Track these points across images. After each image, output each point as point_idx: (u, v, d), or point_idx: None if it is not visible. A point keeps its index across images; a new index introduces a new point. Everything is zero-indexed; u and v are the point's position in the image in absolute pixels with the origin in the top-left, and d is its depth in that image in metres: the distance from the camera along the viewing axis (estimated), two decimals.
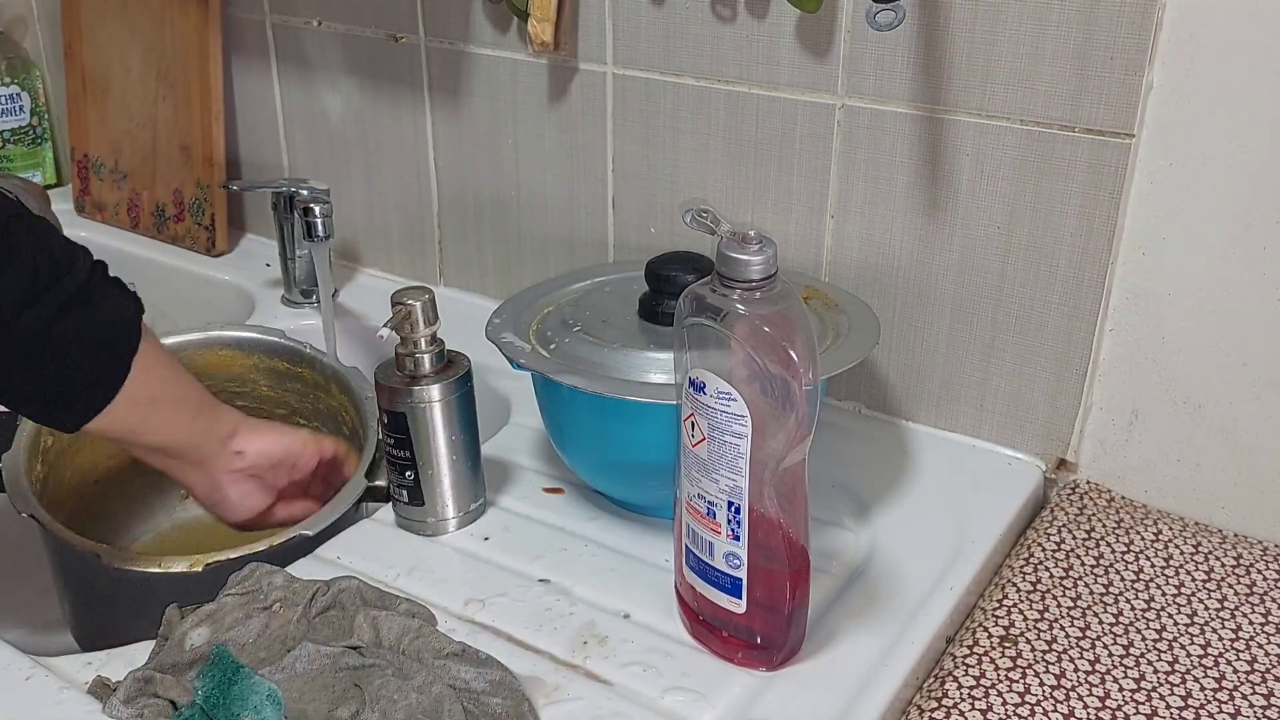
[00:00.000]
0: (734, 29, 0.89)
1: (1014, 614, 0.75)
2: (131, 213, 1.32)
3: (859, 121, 0.86)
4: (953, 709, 0.68)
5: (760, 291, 0.63)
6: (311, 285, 1.15)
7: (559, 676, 0.69)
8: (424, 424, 0.79)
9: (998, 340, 0.87)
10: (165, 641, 0.69)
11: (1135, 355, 0.84)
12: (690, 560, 0.70)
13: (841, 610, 0.74)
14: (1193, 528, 0.83)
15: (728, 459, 0.65)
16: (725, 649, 0.70)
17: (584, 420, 0.80)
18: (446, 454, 0.80)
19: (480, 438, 0.83)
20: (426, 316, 0.78)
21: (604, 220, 1.02)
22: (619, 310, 0.83)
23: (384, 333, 0.76)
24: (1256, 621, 0.75)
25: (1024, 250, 0.83)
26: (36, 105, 1.44)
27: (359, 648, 0.68)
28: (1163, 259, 0.80)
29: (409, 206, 1.15)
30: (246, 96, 1.23)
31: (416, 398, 0.78)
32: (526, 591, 0.76)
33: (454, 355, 0.81)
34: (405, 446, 0.80)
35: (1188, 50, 0.75)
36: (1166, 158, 0.78)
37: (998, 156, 0.82)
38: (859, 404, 0.96)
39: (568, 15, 0.96)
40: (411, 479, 0.80)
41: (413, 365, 0.79)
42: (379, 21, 1.09)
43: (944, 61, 0.81)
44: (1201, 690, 0.70)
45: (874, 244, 0.89)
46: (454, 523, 0.82)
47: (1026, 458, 0.89)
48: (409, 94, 1.10)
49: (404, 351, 0.79)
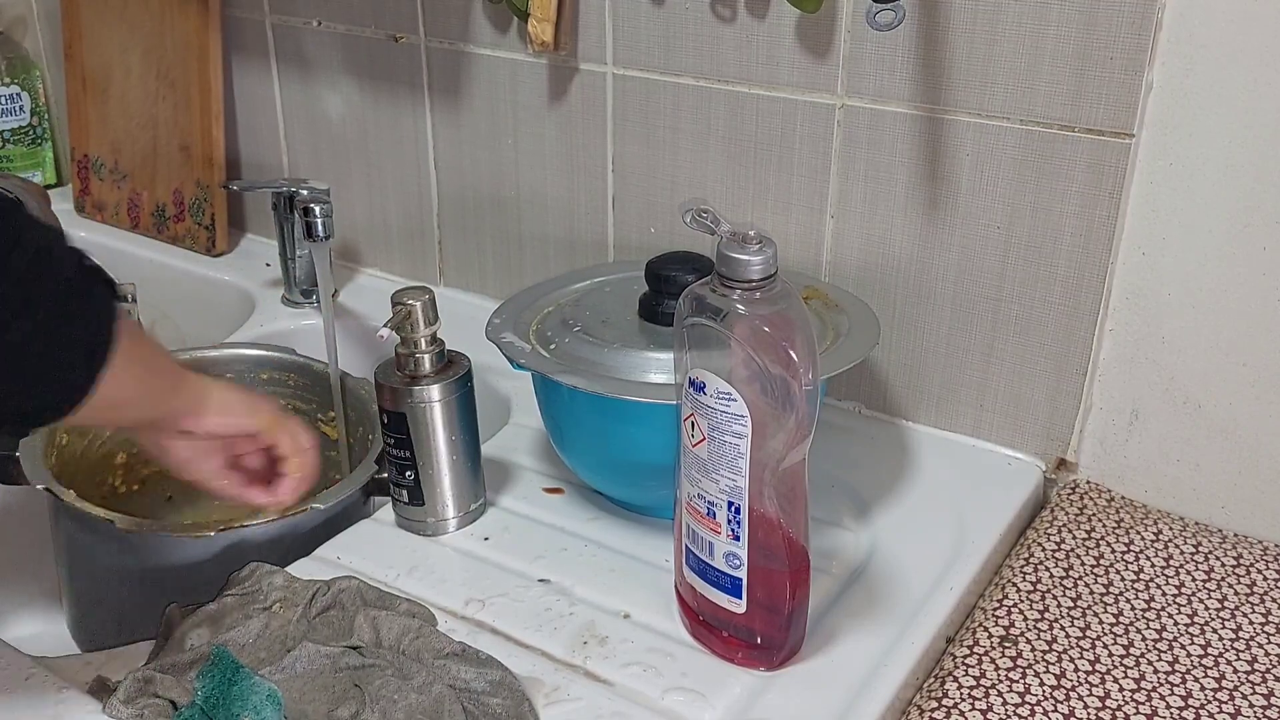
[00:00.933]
0: (734, 29, 0.89)
1: (1014, 614, 0.75)
2: (131, 213, 1.32)
3: (859, 121, 0.86)
4: (953, 709, 0.68)
5: (760, 291, 0.63)
6: (311, 285, 1.15)
7: (559, 676, 0.69)
8: (424, 424, 0.79)
9: (998, 340, 0.87)
10: (165, 641, 0.69)
11: (1135, 355, 0.84)
12: (690, 560, 0.70)
13: (841, 610, 0.74)
14: (1193, 528, 0.83)
15: (728, 459, 0.65)
16: (725, 649, 0.70)
17: (584, 420, 0.80)
18: (446, 454, 0.80)
19: (480, 438, 0.83)
20: (426, 316, 0.78)
21: (604, 220, 1.02)
22: (619, 310, 0.83)
23: (384, 333, 0.76)
24: (1256, 621, 0.75)
25: (1024, 250, 0.83)
26: (36, 105, 1.44)
27: (359, 648, 0.68)
28: (1162, 259, 0.80)
29: (409, 206, 1.15)
30: (246, 96, 1.23)
31: (416, 398, 0.78)
32: (526, 591, 0.76)
33: (454, 355, 0.81)
34: (405, 446, 0.80)
35: (1188, 50, 0.75)
36: (1166, 158, 0.78)
37: (998, 156, 0.82)
38: (859, 404, 0.96)
39: (568, 15, 0.96)
40: (411, 479, 0.80)
41: (413, 365, 0.79)
42: (379, 21, 1.09)
43: (944, 61, 0.81)
44: (1202, 690, 0.70)
45: (874, 244, 0.89)
46: (454, 523, 0.82)
47: (1026, 458, 0.89)
48: (409, 94, 1.10)
49: (404, 351, 0.79)
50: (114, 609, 0.84)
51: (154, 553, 0.81)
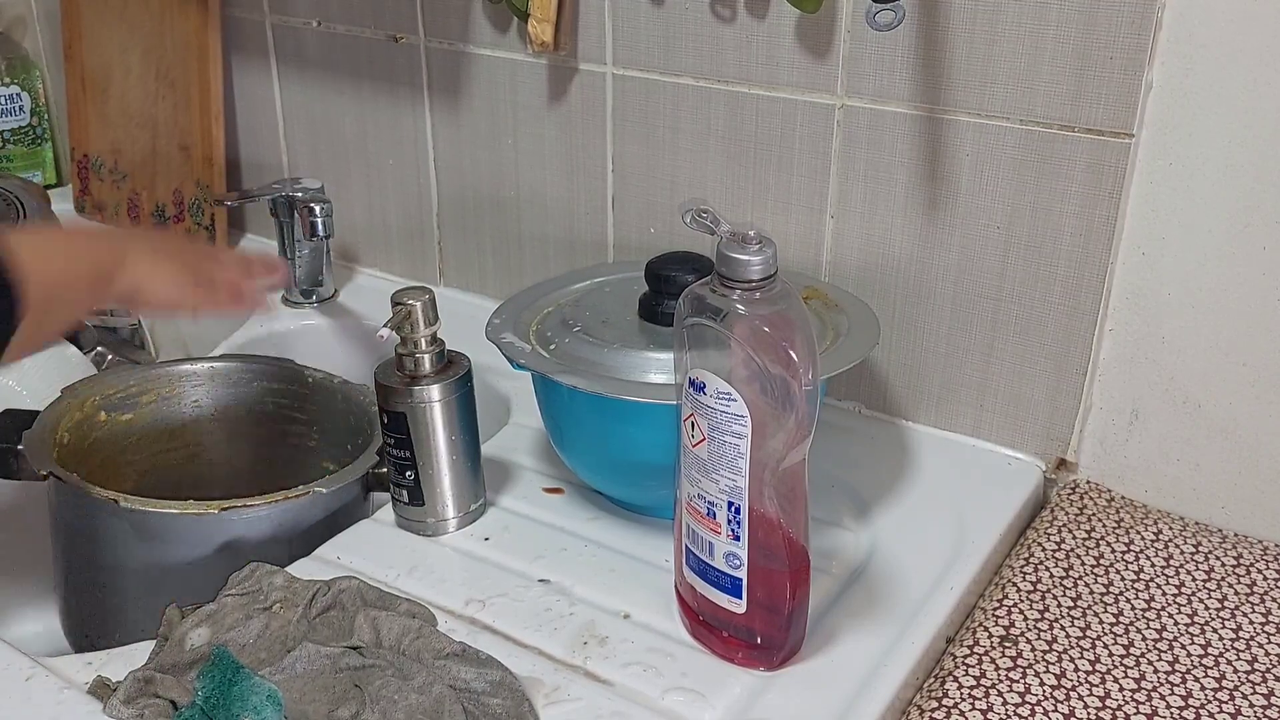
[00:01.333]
0: (734, 29, 0.89)
1: (1014, 614, 0.75)
2: (131, 213, 1.32)
3: (859, 121, 0.86)
4: (953, 709, 0.68)
5: (760, 291, 0.63)
6: (312, 285, 1.15)
7: (559, 677, 0.69)
8: (424, 424, 0.79)
9: (997, 340, 0.87)
10: (165, 641, 0.69)
11: (1135, 355, 0.84)
12: (690, 560, 0.70)
13: (841, 610, 0.74)
14: (1193, 528, 0.83)
15: (728, 459, 0.65)
16: (725, 649, 0.70)
17: (584, 420, 0.80)
18: (446, 454, 0.80)
19: (480, 438, 0.83)
20: (427, 316, 0.78)
21: (604, 220, 1.02)
22: (619, 310, 0.83)
23: (384, 332, 0.76)
24: (1257, 621, 0.75)
25: (1024, 250, 0.83)
26: (36, 105, 1.44)
27: (359, 648, 0.68)
28: (1162, 259, 0.80)
29: (409, 206, 1.15)
30: (246, 96, 1.23)
31: (416, 398, 0.78)
32: (526, 591, 0.76)
33: (454, 355, 0.81)
34: (405, 446, 0.80)
35: (1188, 50, 0.75)
36: (1166, 158, 0.78)
37: (997, 156, 0.82)
38: (859, 404, 0.96)
39: (567, 15, 0.96)
40: (411, 479, 0.80)
41: (413, 365, 0.79)
42: (379, 22, 1.09)
43: (944, 61, 0.81)
44: (1202, 690, 0.70)
45: (874, 244, 0.89)
46: (454, 523, 0.82)
47: (1026, 458, 0.89)
48: (409, 94, 1.10)
49: (404, 351, 0.79)
50: (112, 603, 0.85)
51: (156, 541, 0.81)
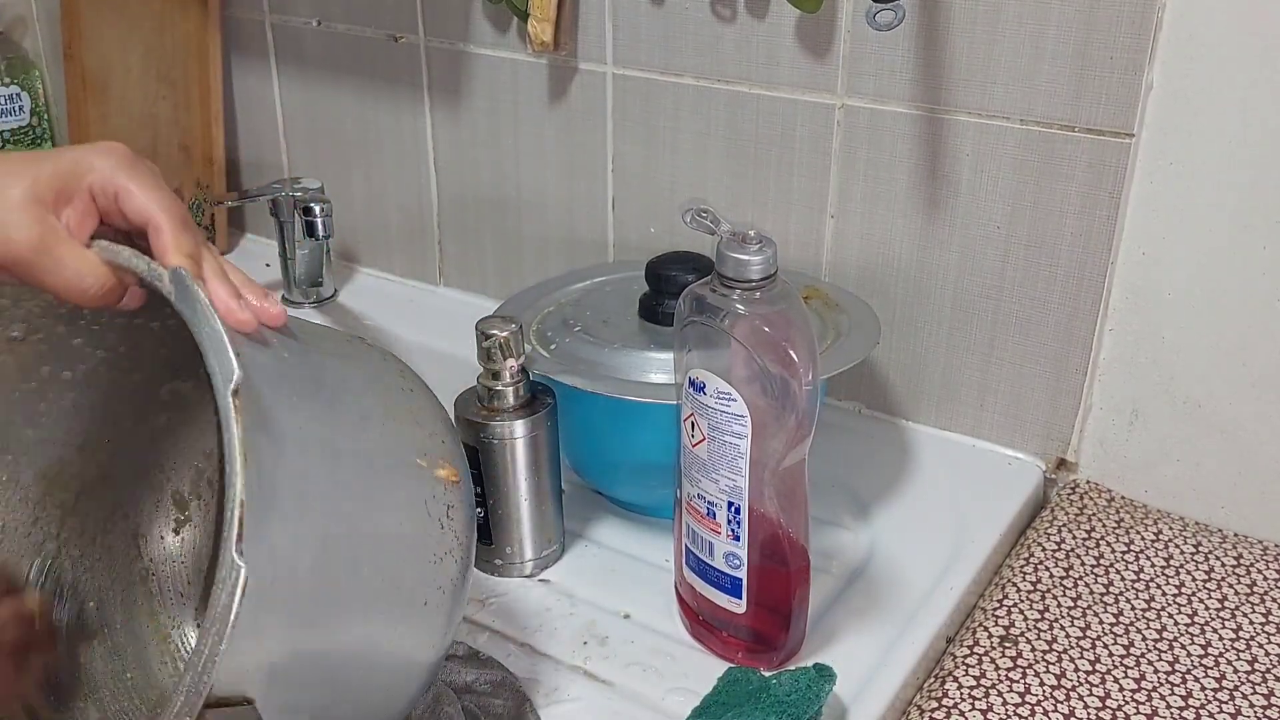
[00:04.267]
0: (734, 29, 0.89)
1: (1014, 614, 0.75)
2: None
3: (859, 121, 0.86)
4: (953, 709, 0.68)
5: (760, 291, 0.63)
6: (312, 285, 1.15)
7: (559, 677, 0.69)
8: (500, 461, 0.75)
9: (998, 340, 0.87)
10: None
11: (1135, 355, 0.84)
12: (690, 560, 0.70)
13: (841, 610, 0.74)
14: (1193, 528, 0.83)
15: (728, 459, 0.65)
16: (725, 649, 0.70)
17: (584, 420, 0.80)
18: (525, 493, 0.76)
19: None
20: (515, 348, 0.74)
21: (604, 220, 1.02)
22: (619, 310, 0.83)
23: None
24: (1257, 621, 0.75)
25: (1024, 250, 0.83)
26: (36, 105, 1.44)
27: None
28: (1162, 259, 0.80)
29: (409, 206, 1.15)
30: (246, 96, 1.23)
31: (493, 433, 0.74)
32: (527, 592, 0.76)
33: (540, 387, 0.77)
34: (476, 482, 0.75)
35: (1188, 50, 0.75)
36: (1166, 158, 0.78)
37: (998, 156, 0.82)
38: (859, 404, 0.96)
39: (568, 15, 0.96)
40: (480, 516, 0.76)
41: (494, 399, 0.75)
42: (379, 21, 1.09)
43: (944, 61, 0.81)
44: (1202, 690, 0.70)
45: (874, 244, 0.89)
46: (530, 565, 0.78)
47: (1026, 458, 0.89)
48: (409, 94, 1.10)
49: (487, 384, 0.75)
50: None
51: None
